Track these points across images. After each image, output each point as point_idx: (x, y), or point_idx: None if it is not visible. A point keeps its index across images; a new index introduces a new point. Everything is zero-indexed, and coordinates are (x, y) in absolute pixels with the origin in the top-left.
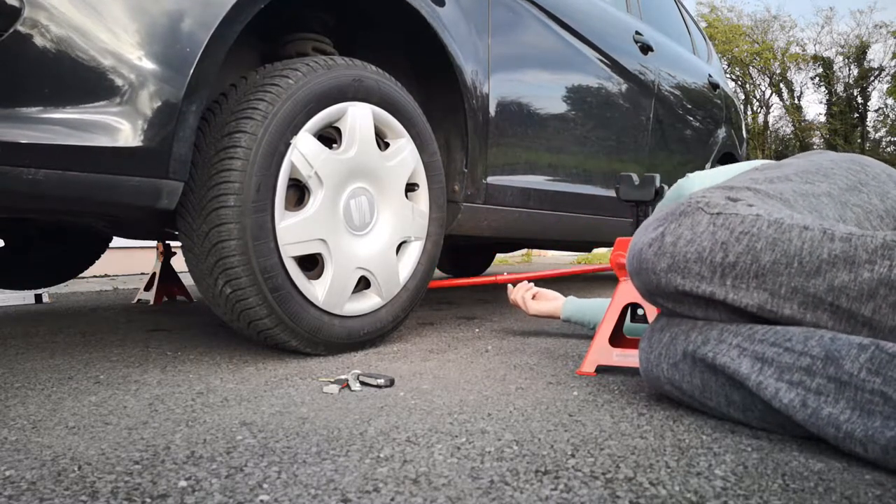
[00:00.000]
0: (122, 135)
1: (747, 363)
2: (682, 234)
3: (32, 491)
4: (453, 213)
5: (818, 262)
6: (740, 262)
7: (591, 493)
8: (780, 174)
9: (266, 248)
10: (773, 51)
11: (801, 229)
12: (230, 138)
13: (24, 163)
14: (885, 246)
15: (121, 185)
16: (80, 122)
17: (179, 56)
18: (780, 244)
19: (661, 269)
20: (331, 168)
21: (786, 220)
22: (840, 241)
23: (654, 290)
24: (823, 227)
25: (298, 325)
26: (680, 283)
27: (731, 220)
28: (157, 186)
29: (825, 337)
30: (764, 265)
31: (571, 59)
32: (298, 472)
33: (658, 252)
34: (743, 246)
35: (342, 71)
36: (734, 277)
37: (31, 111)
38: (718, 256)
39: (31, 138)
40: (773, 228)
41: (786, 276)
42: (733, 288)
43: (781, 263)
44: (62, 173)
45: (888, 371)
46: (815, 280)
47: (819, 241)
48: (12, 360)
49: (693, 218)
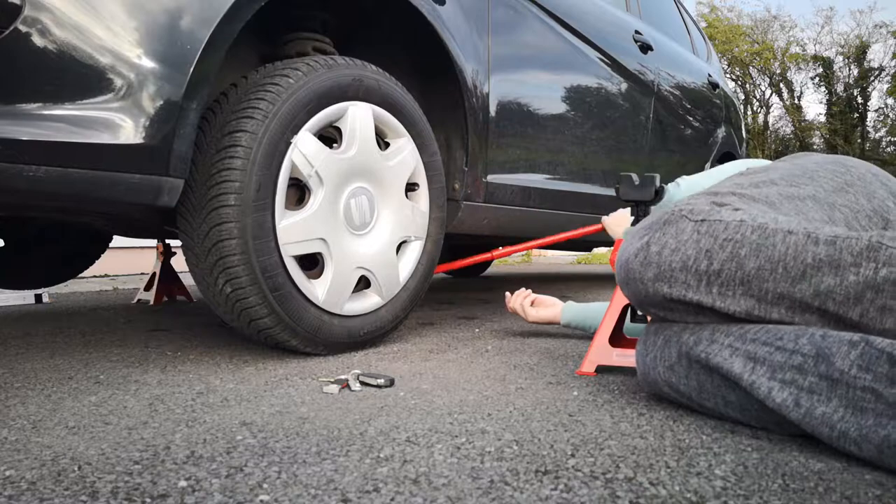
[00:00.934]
0: (122, 132)
1: (739, 363)
2: (666, 242)
3: (32, 491)
4: (454, 211)
5: (803, 267)
6: (725, 269)
7: (591, 493)
8: (766, 178)
9: (266, 248)
10: (773, 51)
11: (784, 234)
12: (231, 137)
13: (25, 160)
14: (869, 248)
15: (121, 183)
16: (81, 119)
17: (180, 53)
18: (765, 250)
19: (648, 279)
20: (331, 167)
21: (770, 224)
22: (824, 245)
23: (642, 299)
24: (807, 230)
25: (298, 324)
26: (667, 291)
27: (715, 227)
28: (158, 184)
29: (816, 335)
30: (749, 272)
31: (571, 58)
32: (298, 472)
33: (644, 262)
34: (727, 253)
35: (343, 70)
36: (720, 285)
37: (32, 108)
38: (703, 264)
39: (32, 135)
40: (756, 234)
41: (771, 281)
42: (720, 295)
43: (766, 269)
44: (63, 170)
45: (877, 367)
46: (801, 285)
47: (803, 246)
48: (12, 360)
49: (677, 226)
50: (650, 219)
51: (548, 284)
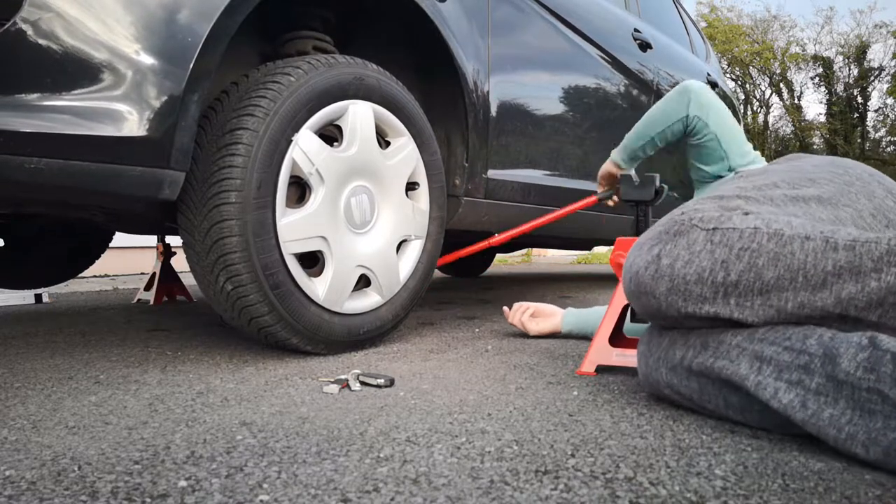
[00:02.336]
0: (124, 124)
1: (746, 363)
2: (678, 254)
3: (32, 491)
4: (454, 207)
5: (823, 275)
6: (743, 280)
7: (591, 493)
8: (767, 181)
9: (267, 245)
10: (773, 51)
11: (802, 240)
12: (232, 135)
13: (26, 152)
14: (890, 252)
15: (123, 175)
16: (83, 111)
17: (181, 46)
18: (783, 259)
19: (661, 293)
20: (332, 166)
21: (786, 230)
22: (844, 251)
23: (655, 313)
24: (825, 235)
25: (299, 322)
26: (682, 305)
27: (730, 236)
28: (159, 177)
29: (825, 335)
30: (768, 282)
31: (571, 55)
32: (298, 472)
33: (655, 275)
34: (744, 263)
35: (343, 69)
36: (738, 296)
37: (33, 100)
38: (720, 276)
39: (34, 127)
40: (773, 242)
41: (791, 291)
42: (738, 307)
43: (786, 279)
44: (64, 162)
45: (881, 367)
46: (822, 293)
47: (822, 252)
48: (12, 360)
49: (689, 237)
50: (658, 228)
51: (548, 284)
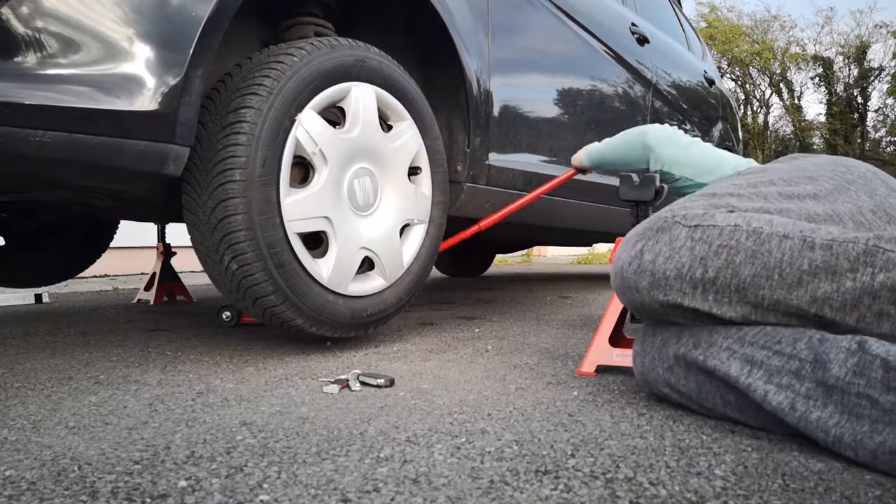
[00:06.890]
0: (129, 98)
1: (736, 366)
2: (660, 250)
3: (32, 491)
4: (456, 193)
5: (799, 273)
6: (720, 276)
7: (591, 493)
8: (764, 179)
9: (272, 223)
10: (773, 51)
11: (780, 239)
12: (236, 114)
13: (32, 125)
14: (867, 252)
15: (128, 150)
16: (89, 84)
17: (186, 19)
18: (760, 256)
19: (643, 288)
20: (335, 146)
21: (765, 229)
22: (821, 250)
23: (639, 307)
24: (804, 234)
25: (303, 302)
26: (662, 299)
27: (710, 233)
28: (164, 151)
29: (814, 338)
30: (744, 279)
31: (572, 45)
32: (298, 472)
33: (638, 270)
34: (722, 260)
35: (346, 51)
36: (715, 292)
37: (39, 72)
38: (698, 272)
39: (40, 99)
40: (751, 240)
41: (767, 289)
42: (716, 302)
43: (762, 276)
44: (69, 136)
45: (870, 373)
46: (797, 291)
47: (799, 251)
48: (12, 360)
49: (671, 233)
50: (645, 224)
51: (548, 284)
